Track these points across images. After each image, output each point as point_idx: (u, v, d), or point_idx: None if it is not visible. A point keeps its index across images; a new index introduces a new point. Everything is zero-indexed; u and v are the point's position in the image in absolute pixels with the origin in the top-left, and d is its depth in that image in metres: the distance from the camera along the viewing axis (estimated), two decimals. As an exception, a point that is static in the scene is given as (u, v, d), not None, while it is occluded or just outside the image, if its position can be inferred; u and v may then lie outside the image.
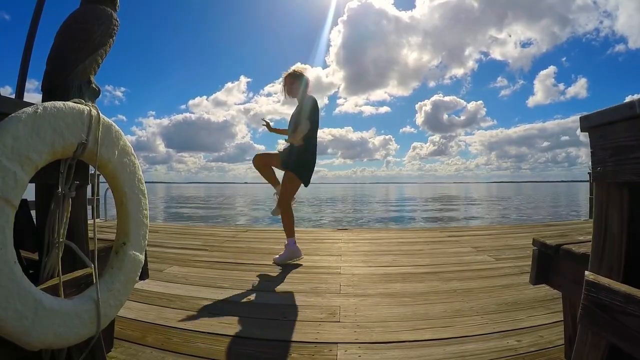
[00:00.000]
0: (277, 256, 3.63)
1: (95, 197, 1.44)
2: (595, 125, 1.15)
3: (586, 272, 1.14)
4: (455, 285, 2.79)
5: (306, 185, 3.76)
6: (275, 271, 3.30)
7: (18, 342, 0.97)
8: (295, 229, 3.82)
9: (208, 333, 1.93)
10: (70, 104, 1.15)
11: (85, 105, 1.20)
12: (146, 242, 1.48)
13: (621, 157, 1.04)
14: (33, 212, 1.33)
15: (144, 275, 1.67)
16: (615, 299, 0.98)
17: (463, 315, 2.17)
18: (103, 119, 1.25)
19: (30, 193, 1.13)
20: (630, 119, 1.00)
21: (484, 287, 2.72)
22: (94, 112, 1.21)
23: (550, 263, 1.55)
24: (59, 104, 1.11)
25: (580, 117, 1.21)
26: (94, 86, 1.37)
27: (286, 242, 3.69)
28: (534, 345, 1.76)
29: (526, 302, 2.35)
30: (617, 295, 0.98)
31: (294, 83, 3.79)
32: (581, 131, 1.22)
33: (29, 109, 1.01)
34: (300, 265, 3.52)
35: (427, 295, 2.56)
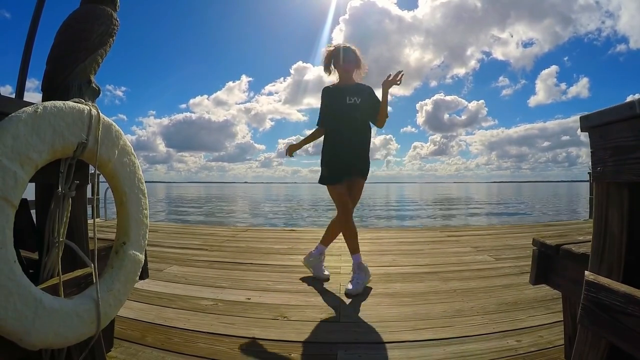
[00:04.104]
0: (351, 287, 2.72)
1: (95, 197, 1.44)
2: (596, 125, 1.15)
3: (586, 272, 1.14)
4: (455, 285, 2.80)
5: None
6: (275, 271, 3.30)
7: (18, 342, 0.97)
8: (295, 229, 3.78)
9: (208, 333, 1.94)
10: (70, 103, 1.15)
11: (85, 104, 1.21)
12: (146, 241, 1.48)
13: (621, 157, 1.04)
14: (33, 212, 1.33)
15: (144, 274, 1.67)
16: (615, 299, 0.98)
17: (463, 315, 2.18)
18: (103, 118, 1.26)
19: (29, 193, 1.13)
20: (631, 119, 1.00)
21: (484, 287, 2.72)
22: (94, 111, 1.21)
23: (550, 263, 1.55)
24: (59, 103, 1.11)
25: (580, 117, 1.21)
26: (94, 86, 1.38)
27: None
28: (534, 345, 1.77)
29: (526, 302, 2.35)
30: (617, 295, 0.98)
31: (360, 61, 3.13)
32: (581, 131, 1.22)
33: (29, 109, 1.01)
34: (301, 265, 3.52)
35: (427, 295, 2.56)
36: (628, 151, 1.02)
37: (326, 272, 3.11)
